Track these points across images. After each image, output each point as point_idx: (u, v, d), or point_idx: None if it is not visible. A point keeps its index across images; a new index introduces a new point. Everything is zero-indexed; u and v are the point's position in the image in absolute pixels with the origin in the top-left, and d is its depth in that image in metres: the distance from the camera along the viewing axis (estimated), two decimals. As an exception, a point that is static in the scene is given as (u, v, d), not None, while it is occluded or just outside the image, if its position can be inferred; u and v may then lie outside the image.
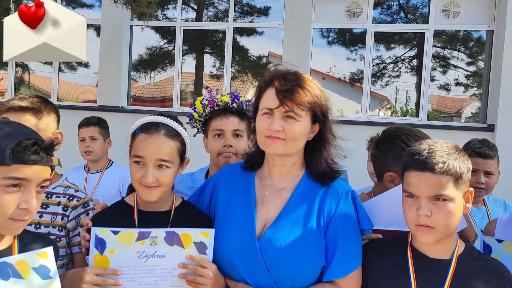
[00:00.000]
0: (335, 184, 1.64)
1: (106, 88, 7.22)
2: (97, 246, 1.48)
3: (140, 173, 1.60)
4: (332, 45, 7.32)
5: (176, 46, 7.34)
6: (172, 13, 7.55)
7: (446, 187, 1.42)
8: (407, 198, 1.48)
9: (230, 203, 1.67)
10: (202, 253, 1.51)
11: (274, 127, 1.52)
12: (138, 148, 1.62)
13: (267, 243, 1.54)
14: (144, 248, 1.49)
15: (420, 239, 1.47)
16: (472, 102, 7.29)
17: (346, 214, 1.59)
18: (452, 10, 6.59)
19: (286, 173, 1.65)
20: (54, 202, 1.91)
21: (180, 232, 1.51)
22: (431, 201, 1.43)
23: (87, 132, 3.58)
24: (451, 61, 7.07)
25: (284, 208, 1.60)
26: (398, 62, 7.26)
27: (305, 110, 1.54)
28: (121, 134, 7.15)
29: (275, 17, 7.31)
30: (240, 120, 2.26)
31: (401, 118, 7.33)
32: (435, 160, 1.43)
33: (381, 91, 7.50)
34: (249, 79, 7.88)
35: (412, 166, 1.46)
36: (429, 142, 1.52)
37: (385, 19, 7.06)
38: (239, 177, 1.72)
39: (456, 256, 1.50)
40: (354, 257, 1.56)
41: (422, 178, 1.43)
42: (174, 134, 1.65)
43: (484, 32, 6.67)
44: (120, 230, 1.49)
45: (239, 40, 7.41)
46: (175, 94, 7.40)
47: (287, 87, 1.53)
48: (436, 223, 1.43)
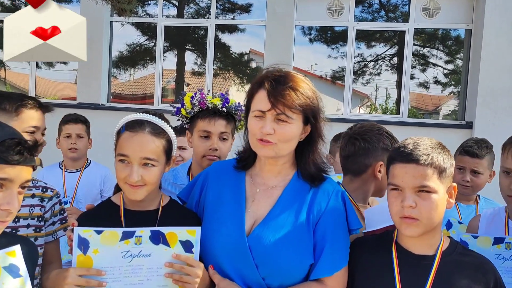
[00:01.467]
0: (325, 184, 1.65)
1: (85, 85, 7.11)
2: (80, 246, 1.45)
3: (125, 172, 1.57)
4: (313, 42, 7.35)
5: (157, 42, 7.27)
6: (153, 9, 7.47)
7: (430, 179, 1.45)
8: (392, 191, 1.51)
9: (219, 200, 1.66)
10: (189, 251, 1.50)
11: (266, 130, 1.51)
12: (122, 147, 1.59)
13: (256, 239, 1.53)
14: (129, 248, 1.46)
15: (405, 232, 1.49)
16: (450, 100, 7.42)
17: (335, 213, 1.60)
18: (431, 9, 6.68)
19: (277, 172, 1.65)
20: (28, 195, 1.91)
21: (165, 231, 1.49)
22: (415, 192, 1.46)
23: (75, 129, 3.52)
24: (430, 59, 7.18)
25: (275, 206, 1.60)
26: (379, 60, 7.34)
27: (297, 113, 1.53)
28: (101, 132, 7.08)
29: (257, 14, 7.31)
30: (227, 123, 2.27)
31: (382, 115, 7.41)
32: (420, 152, 1.47)
33: (361, 89, 7.57)
34: (230, 76, 7.86)
35: (398, 158, 1.50)
36: (414, 138, 1.56)
37: (366, 17, 7.12)
38: (229, 174, 1.71)
39: (440, 251, 1.52)
40: (341, 256, 1.56)
41: (407, 170, 1.46)
42: (160, 131, 1.63)
43: (463, 31, 6.79)
44: (104, 230, 1.46)
45: (220, 37, 7.38)
46: (156, 91, 7.33)
47: (279, 90, 1.52)
48: (420, 215, 1.45)
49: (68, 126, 3.54)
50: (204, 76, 7.46)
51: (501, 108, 6.10)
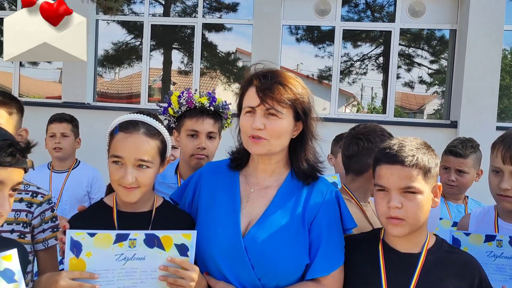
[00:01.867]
0: (319, 183, 1.65)
1: (71, 84, 7.01)
2: (72, 249, 1.42)
3: (119, 174, 1.55)
4: (300, 42, 7.37)
5: (144, 41, 7.21)
6: (139, 7, 7.40)
7: (416, 180, 1.47)
8: (378, 192, 1.53)
9: (214, 201, 1.65)
10: (184, 255, 1.48)
11: (256, 125, 1.52)
12: (116, 148, 1.56)
13: (252, 240, 1.53)
14: (123, 251, 1.44)
15: (391, 232, 1.51)
16: (435, 99, 7.51)
17: (330, 212, 1.60)
18: (417, 9, 6.75)
19: (271, 171, 1.65)
20: (16, 199, 1.87)
21: (160, 235, 1.47)
22: (401, 193, 1.48)
23: (59, 128, 3.46)
24: (415, 59, 7.26)
25: (269, 206, 1.60)
26: (365, 59, 7.39)
27: (286, 108, 1.54)
28: (87, 131, 7.00)
29: (244, 13, 7.29)
30: (214, 122, 2.27)
31: (369, 115, 7.47)
32: (405, 153, 1.49)
33: (347, 88, 7.61)
34: (217, 75, 7.83)
35: (383, 160, 1.52)
36: (399, 138, 1.58)
37: (353, 17, 7.17)
38: (223, 175, 1.71)
39: (425, 249, 1.55)
40: (337, 255, 1.57)
41: (392, 171, 1.49)
42: (154, 132, 1.61)
43: (447, 31, 6.87)
44: (97, 233, 1.44)
45: (207, 36, 7.35)
46: (143, 90, 7.27)
47: (267, 85, 1.53)
48: (406, 215, 1.47)
49: (53, 126, 3.49)
50: (190, 75, 7.43)
51: (485, 108, 6.19)
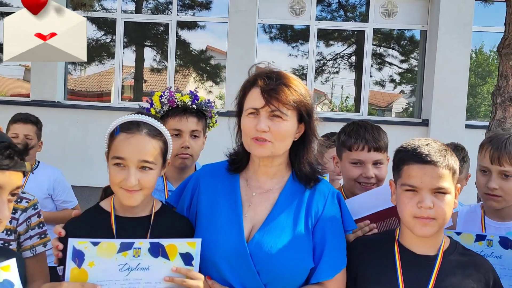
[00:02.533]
0: (321, 185, 1.64)
1: (40, 82, 6.79)
2: (74, 258, 1.36)
3: (121, 176, 1.49)
4: (274, 41, 7.39)
5: (116, 38, 7.05)
6: (109, 4, 7.24)
7: (446, 180, 1.48)
8: (406, 192, 1.51)
9: (214, 206, 1.61)
10: (188, 264, 1.44)
11: (260, 127, 1.48)
12: (118, 149, 1.50)
13: (257, 246, 1.51)
14: (127, 260, 1.39)
15: (419, 232, 1.50)
16: (406, 98, 7.69)
17: (332, 215, 1.60)
18: (389, 9, 6.89)
19: (272, 174, 1.62)
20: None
21: (165, 243, 1.42)
22: (432, 193, 1.48)
23: (23, 130, 3.23)
24: (387, 59, 7.41)
25: (272, 210, 1.57)
26: (337, 58, 7.48)
27: (291, 109, 1.51)
28: (57, 130, 6.81)
29: (217, 11, 7.25)
30: (198, 121, 2.23)
31: (343, 113, 7.57)
32: (437, 154, 1.49)
33: (319, 87, 7.70)
34: (190, 73, 7.76)
35: (414, 159, 1.50)
36: (422, 139, 1.58)
37: (326, 16, 7.24)
38: (222, 178, 1.67)
39: (442, 251, 1.55)
40: (340, 258, 1.57)
41: (425, 171, 1.47)
42: (157, 133, 1.56)
43: (418, 31, 7.04)
44: (101, 241, 1.38)
45: (180, 34, 7.27)
46: (116, 88, 7.12)
47: (272, 86, 1.50)
48: (437, 215, 1.48)
49: (16, 126, 3.24)
50: (162, 73, 7.33)
51: (455, 107, 6.38)
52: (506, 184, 1.82)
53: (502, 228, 1.86)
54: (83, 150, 6.64)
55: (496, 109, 3.59)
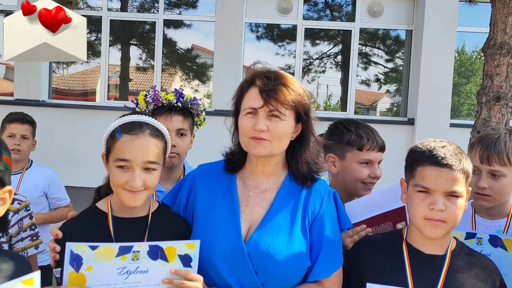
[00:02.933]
0: (317, 185, 1.65)
1: (24, 81, 6.68)
2: (72, 263, 1.34)
3: (125, 178, 1.48)
4: (260, 40, 7.40)
5: (102, 36, 6.98)
6: (95, 2, 7.16)
7: (460, 184, 1.48)
8: (418, 193, 1.51)
9: (211, 206, 1.61)
10: (187, 266, 1.43)
11: (259, 127, 1.49)
12: (122, 151, 1.48)
13: (254, 246, 1.51)
14: (125, 264, 1.37)
15: (429, 233, 1.50)
16: (392, 97, 7.77)
17: (329, 214, 1.60)
18: (375, 9, 6.95)
19: (269, 173, 1.62)
20: None
21: (164, 246, 1.41)
22: (444, 196, 1.47)
23: (20, 130, 3.30)
24: (373, 58, 7.47)
25: (270, 210, 1.58)
26: (324, 58, 7.52)
27: (289, 109, 1.52)
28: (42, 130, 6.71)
29: (204, 10, 7.22)
30: (184, 119, 2.22)
31: (330, 112, 7.62)
32: (453, 157, 1.48)
33: (307, 86, 7.71)
34: (176, 71, 7.73)
35: (429, 161, 1.49)
36: (437, 141, 1.57)
37: (312, 15, 7.27)
38: (218, 178, 1.67)
39: (450, 252, 1.55)
40: (337, 256, 1.58)
41: (440, 174, 1.47)
42: (158, 133, 1.56)
43: (404, 31, 7.12)
44: (99, 245, 1.36)
45: (166, 33, 7.23)
46: (101, 87, 7.04)
47: (271, 86, 1.51)
48: (448, 218, 1.47)
49: (13, 126, 3.31)
50: (148, 72, 7.29)
51: (439, 106, 6.47)
52: (495, 184, 1.84)
53: (492, 226, 1.89)
54: (69, 149, 6.57)
55: (482, 108, 3.65)
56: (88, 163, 6.27)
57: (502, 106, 3.57)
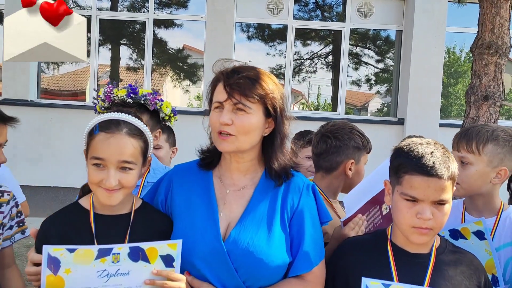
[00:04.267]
0: (296, 179, 1.63)
1: (12, 80, 6.62)
2: (50, 265, 1.32)
3: (100, 176, 1.46)
4: (251, 40, 7.40)
5: (92, 36, 6.93)
6: (84, 1, 7.12)
7: (448, 191, 1.45)
8: (405, 201, 1.47)
9: (188, 205, 1.59)
10: (169, 266, 1.41)
11: (223, 120, 1.48)
12: (97, 149, 1.46)
13: (233, 244, 1.50)
14: (105, 267, 1.35)
15: (416, 240, 1.49)
16: (382, 97, 7.81)
17: (308, 208, 1.59)
18: (366, 10, 6.97)
19: (245, 170, 1.61)
20: None
21: (145, 247, 1.39)
22: (432, 205, 1.45)
23: None
24: (363, 59, 7.50)
25: (248, 207, 1.56)
26: (314, 58, 7.54)
27: (255, 103, 1.50)
28: (31, 129, 6.64)
29: (194, 9, 7.21)
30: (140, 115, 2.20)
31: (320, 112, 7.64)
32: (440, 165, 1.43)
33: (296, 87, 7.74)
34: (167, 72, 7.70)
35: (417, 170, 1.44)
36: (424, 143, 1.51)
37: (303, 15, 7.28)
38: (195, 176, 1.65)
39: (434, 250, 1.54)
40: (318, 250, 1.57)
41: (429, 184, 1.43)
42: (137, 132, 1.53)
43: (394, 32, 7.15)
44: (77, 248, 1.34)
45: (157, 32, 7.20)
46: (90, 87, 6.99)
47: (235, 79, 1.49)
48: (435, 225, 1.46)
49: None
50: (139, 72, 7.26)
51: (429, 106, 6.51)
52: (463, 172, 1.79)
53: None
54: (57, 150, 6.51)
55: (470, 108, 3.67)
56: (76, 163, 6.17)
57: (490, 106, 3.59)
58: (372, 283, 1.37)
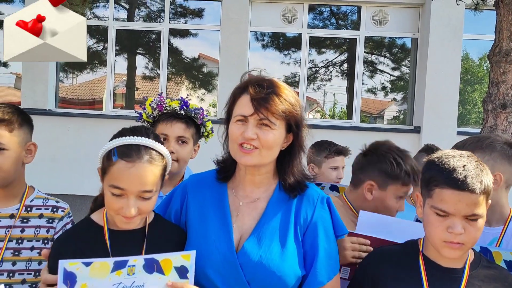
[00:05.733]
0: (310, 191, 1.62)
1: (31, 90, 6.74)
2: (66, 281, 1.31)
3: (120, 204, 1.44)
4: (266, 48, 7.42)
5: (108, 46, 7.03)
6: (101, 12, 7.23)
7: (481, 206, 1.41)
8: (436, 216, 1.44)
9: (203, 216, 1.59)
10: (184, 277, 1.40)
11: (248, 134, 1.47)
12: (117, 179, 1.43)
13: (246, 256, 1.49)
14: (121, 279, 1.34)
15: (447, 255, 1.45)
16: (398, 105, 7.74)
17: (322, 221, 1.57)
18: (381, 17, 6.94)
19: (259, 182, 1.60)
20: (35, 215, 1.80)
21: (160, 258, 1.38)
22: (464, 219, 1.41)
23: None
24: (379, 66, 7.45)
25: (261, 219, 1.55)
26: (329, 66, 7.52)
27: (280, 119, 1.50)
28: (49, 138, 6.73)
29: (210, 19, 7.26)
30: (186, 127, 2.23)
31: (336, 120, 7.59)
32: (473, 179, 1.40)
33: (311, 95, 7.72)
34: (182, 81, 7.76)
35: (449, 184, 1.41)
36: (456, 156, 1.47)
37: (318, 24, 7.28)
38: (210, 188, 1.65)
39: (468, 265, 1.49)
40: (332, 264, 1.55)
41: (461, 198, 1.39)
42: (158, 158, 1.50)
43: (409, 39, 7.10)
44: (93, 261, 1.33)
45: (172, 42, 7.27)
46: (107, 96, 7.08)
47: (262, 95, 1.49)
48: (467, 240, 1.41)
49: None
50: (154, 81, 7.32)
51: (446, 114, 6.43)
52: None
53: (489, 233, 1.83)
54: (75, 158, 6.59)
55: (488, 116, 3.61)
56: (93, 172, 6.26)
57: (509, 114, 3.52)
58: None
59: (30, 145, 1.82)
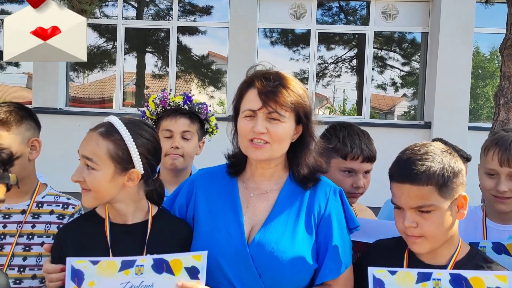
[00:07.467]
0: (322, 183, 1.60)
1: (41, 89, 6.81)
2: (73, 278, 1.32)
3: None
4: (275, 45, 7.40)
5: (118, 44, 7.07)
6: (111, 10, 7.27)
7: (429, 198, 1.37)
8: (395, 209, 1.45)
9: (213, 209, 1.58)
10: (195, 278, 1.38)
11: (258, 129, 1.46)
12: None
13: (257, 247, 1.47)
14: (129, 279, 1.34)
15: (412, 248, 1.45)
16: (408, 100, 7.68)
17: (335, 213, 1.56)
18: (390, 12, 6.88)
19: (269, 175, 1.59)
20: (46, 211, 1.81)
21: (169, 258, 1.37)
22: (415, 212, 1.39)
23: None
24: (389, 62, 7.40)
25: (272, 211, 1.54)
26: (338, 62, 7.48)
27: (289, 111, 1.48)
28: (60, 137, 6.78)
29: (218, 16, 7.27)
30: (190, 122, 2.22)
31: (346, 116, 7.57)
32: (414, 169, 1.36)
33: (321, 91, 7.69)
34: (191, 78, 7.77)
35: (394, 176, 1.42)
36: (415, 148, 1.44)
37: (326, 20, 7.24)
38: (219, 181, 1.64)
39: (453, 262, 1.46)
40: (345, 256, 1.53)
41: (402, 190, 1.39)
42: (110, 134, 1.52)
43: (419, 34, 7.03)
44: (100, 260, 1.34)
45: (181, 39, 7.28)
46: (117, 94, 7.12)
47: (270, 88, 1.47)
48: (424, 233, 1.39)
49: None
50: (164, 79, 7.35)
51: (457, 109, 6.36)
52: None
53: (505, 231, 1.80)
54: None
55: (499, 110, 3.57)
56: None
57: (521, 108, 3.49)
58: (378, 271, 1.34)
59: (33, 140, 1.80)
